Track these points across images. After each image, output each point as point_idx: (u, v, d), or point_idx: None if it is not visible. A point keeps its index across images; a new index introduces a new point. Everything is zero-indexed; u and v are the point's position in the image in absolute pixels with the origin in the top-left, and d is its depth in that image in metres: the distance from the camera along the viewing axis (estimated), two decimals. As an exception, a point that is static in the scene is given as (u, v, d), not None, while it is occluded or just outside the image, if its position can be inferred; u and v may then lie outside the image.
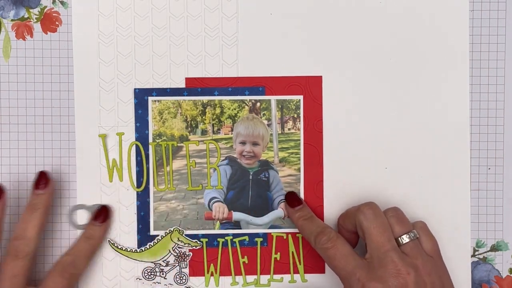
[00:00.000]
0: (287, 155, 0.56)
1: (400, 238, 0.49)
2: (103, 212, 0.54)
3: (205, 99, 0.55)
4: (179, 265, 0.55)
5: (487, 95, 0.56)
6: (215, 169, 0.55)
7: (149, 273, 0.55)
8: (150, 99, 0.55)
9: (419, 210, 0.55)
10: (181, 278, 0.55)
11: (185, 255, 0.55)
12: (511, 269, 0.56)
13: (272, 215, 0.56)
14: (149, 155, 0.55)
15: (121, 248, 0.55)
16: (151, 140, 0.55)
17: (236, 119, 0.55)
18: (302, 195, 0.55)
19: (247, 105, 0.55)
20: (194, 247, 0.55)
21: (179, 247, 0.55)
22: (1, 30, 0.55)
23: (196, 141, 0.56)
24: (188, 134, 0.56)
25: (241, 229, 0.56)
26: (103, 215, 0.54)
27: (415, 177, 0.56)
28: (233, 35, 0.55)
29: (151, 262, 0.55)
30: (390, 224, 0.50)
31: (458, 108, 0.56)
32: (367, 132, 0.56)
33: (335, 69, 0.55)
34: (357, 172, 0.55)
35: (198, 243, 0.55)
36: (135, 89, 0.55)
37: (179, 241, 0.55)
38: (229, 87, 0.55)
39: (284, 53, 0.55)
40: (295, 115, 0.55)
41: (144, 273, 0.55)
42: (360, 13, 0.55)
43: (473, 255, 0.56)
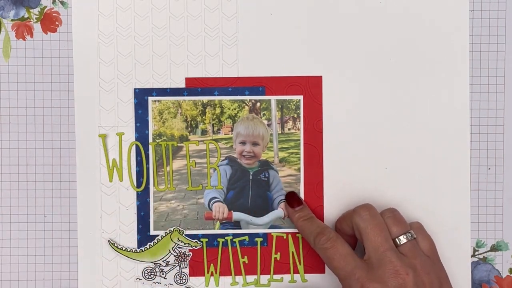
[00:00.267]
0: (287, 155, 0.56)
1: (397, 238, 0.49)
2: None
3: (205, 99, 0.55)
4: (179, 265, 0.55)
5: (487, 95, 0.56)
6: (215, 169, 0.55)
7: (149, 273, 0.55)
8: (150, 99, 0.55)
9: (419, 210, 0.55)
10: (181, 278, 0.55)
11: (185, 255, 0.55)
12: (511, 269, 0.56)
13: (272, 215, 0.56)
14: (149, 155, 0.55)
15: (121, 248, 0.55)
16: (151, 140, 0.55)
17: (236, 119, 0.55)
18: (302, 195, 0.55)
19: (247, 105, 0.55)
20: (194, 247, 0.55)
21: (179, 247, 0.55)
22: (1, 30, 0.55)
23: (196, 141, 0.56)
24: (188, 134, 0.56)
25: (241, 229, 0.55)
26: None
27: (415, 177, 0.56)
28: (233, 35, 0.55)
29: (151, 262, 0.55)
30: (387, 225, 0.50)
31: (458, 108, 0.56)
32: (367, 132, 0.56)
33: (335, 69, 0.55)
34: (357, 172, 0.55)
35: (198, 243, 0.55)
36: (135, 89, 0.55)
37: (179, 241, 0.55)
38: (229, 87, 0.55)
39: (284, 53, 0.55)
40: (295, 115, 0.55)
41: (144, 273, 0.55)
42: (360, 13, 0.55)
43: (473, 255, 0.56)
